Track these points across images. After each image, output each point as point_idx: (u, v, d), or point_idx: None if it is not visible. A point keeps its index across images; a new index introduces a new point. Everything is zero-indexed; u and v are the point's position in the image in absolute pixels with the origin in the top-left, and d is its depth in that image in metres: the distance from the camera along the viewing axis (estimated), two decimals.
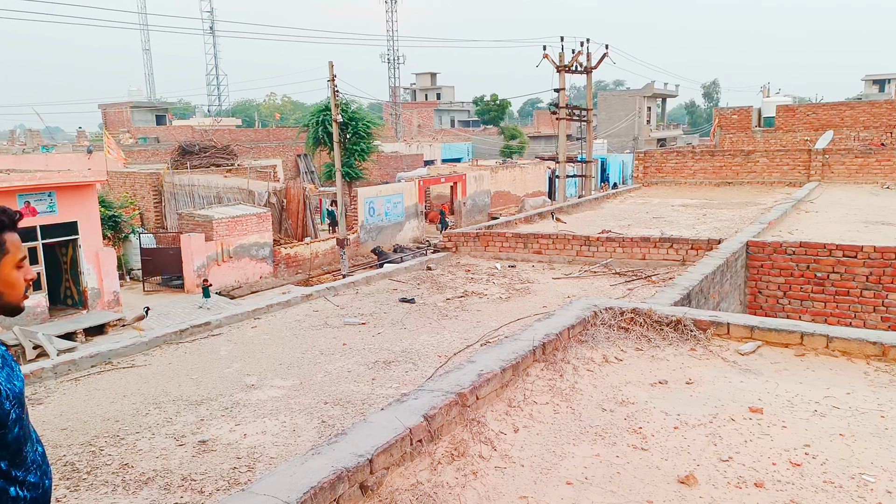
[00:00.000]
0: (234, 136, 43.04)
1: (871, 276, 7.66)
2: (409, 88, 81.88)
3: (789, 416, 3.08)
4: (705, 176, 17.57)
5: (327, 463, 2.24)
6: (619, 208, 14.07)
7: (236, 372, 4.95)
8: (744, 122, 26.04)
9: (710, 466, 2.65)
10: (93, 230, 16.18)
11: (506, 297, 7.31)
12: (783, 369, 3.64)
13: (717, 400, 3.30)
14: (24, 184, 14.55)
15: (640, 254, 8.67)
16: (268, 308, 6.71)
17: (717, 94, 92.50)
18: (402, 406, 2.78)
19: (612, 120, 54.29)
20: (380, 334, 5.93)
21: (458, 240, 9.90)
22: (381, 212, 27.19)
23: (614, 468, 2.68)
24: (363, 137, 28.29)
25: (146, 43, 78.79)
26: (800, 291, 8.14)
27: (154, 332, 5.86)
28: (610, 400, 3.35)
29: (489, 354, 3.53)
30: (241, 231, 21.35)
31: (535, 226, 11.38)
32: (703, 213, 12.84)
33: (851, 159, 16.09)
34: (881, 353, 3.60)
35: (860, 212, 11.70)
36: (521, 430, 3.01)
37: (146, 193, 25.87)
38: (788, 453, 2.73)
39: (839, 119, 23.82)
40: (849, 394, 3.28)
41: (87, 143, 39.19)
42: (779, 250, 8.20)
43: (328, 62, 22.82)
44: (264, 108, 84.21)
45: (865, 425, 2.94)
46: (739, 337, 4.06)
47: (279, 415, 4.12)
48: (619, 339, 4.21)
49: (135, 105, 51.29)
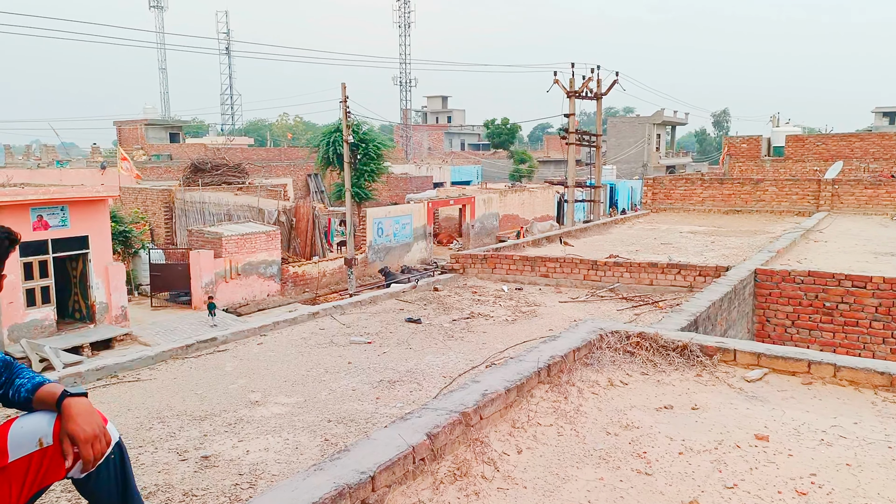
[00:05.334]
0: (246, 154, 43.48)
1: (880, 307, 7.60)
2: (420, 111, 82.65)
3: (795, 444, 3.05)
4: (714, 203, 17.56)
5: (329, 479, 2.24)
6: (628, 233, 14.06)
7: (241, 388, 4.95)
8: (753, 150, 26.08)
9: (714, 493, 2.63)
10: (103, 245, 16.31)
11: (512, 319, 7.30)
12: (790, 397, 3.61)
13: (722, 426, 3.27)
14: (37, 198, 14.72)
15: (648, 279, 8.65)
16: (274, 325, 6.72)
17: (727, 122, 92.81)
18: (406, 424, 2.78)
19: (621, 146, 54.48)
20: (385, 354, 5.93)
21: (466, 261, 9.92)
22: (389, 232, 27.28)
23: (618, 492, 2.65)
24: (373, 158, 28.52)
25: (162, 62, 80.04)
26: (808, 321, 8.08)
27: (160, 347, 5.88)
28: (614, 423, 3.33)
29: (494, 375, 3.52)
30: (250, 249, 21.46)
31: (543, 249, 11.40)
32: (712, 240, 12.82)
33: (861, 190, 16.06)
34: (889, 383, 3.57)
35: (869, 242, 11.64)
36: (524, 451, 2.99)
37: (157, 210, 26.11)
38: (794, 482, 2.70)
39: (849, 150, 23.82)
40: (856, 423, 3.24)
41: (100, 158, 39.68)
42: (787, 279, 8.16)
43: (341, 84, 23.12)
44: (276, 128, 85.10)
45: (873, 455, 2.91)
46: (746, 364, 4.04)
47: (282, 432, 4.11)
48: (624, 363, 4.19)
49: (149, 122, 51.93)
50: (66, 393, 1.95)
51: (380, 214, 27.07)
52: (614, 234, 14.13)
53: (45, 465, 1.89)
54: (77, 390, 1.98)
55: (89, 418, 1.90)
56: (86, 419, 1.89)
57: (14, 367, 2.09)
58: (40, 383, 2.00)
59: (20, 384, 2.00)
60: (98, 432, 1.90)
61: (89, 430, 1.88)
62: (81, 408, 1.91)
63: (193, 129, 70.06)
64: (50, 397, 1.96)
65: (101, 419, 1.95)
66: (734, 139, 27.57)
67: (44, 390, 1.98)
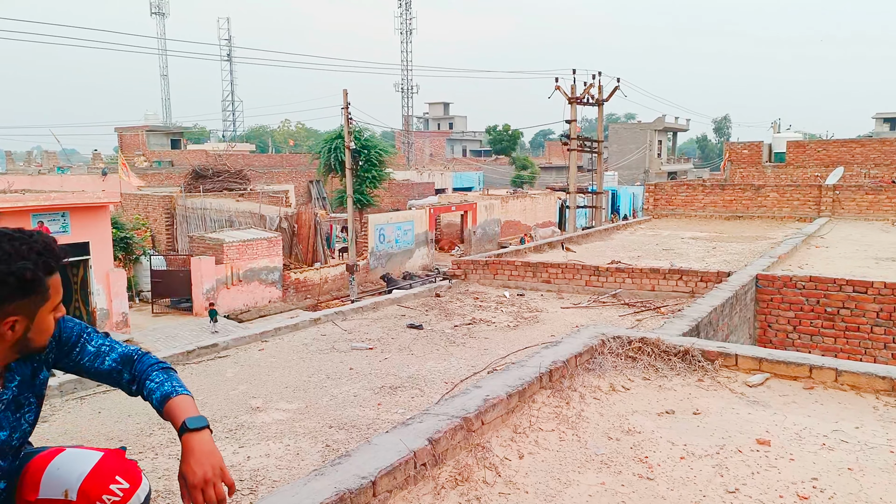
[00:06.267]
0: (248, 161, 43.57)
1: (881, 312, 7.59)
2: (422, 117, 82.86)
3: (797, 448, 3.04)
4: (715, 209, 17.57)
5: (330, 484, 2.24)
6: (629, 239, 14.07)
7: (242, 394, 4.95)
8: (754, 156, 26.11)
9: (716, 498, 2.62)
10: (104, 251, 16.34)
11: (514, 325, 7.30)
12: (791, 402, 3.61)
13: (724, 431, 3.27)
14: (38, 204, 14.77)
15: (650, 285, 8.64)
16: (275, 331, 6.73)
17: (728, 128, 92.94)
18: (407, 429, 2.78)
19: (622, 152, 54.56)
20: (387, 359, 5.93)
21: (468, 267, 9.92)
22: (391, 239, 27.30)
23: (619, 497, 2.65)
24: (375, 165, 28.59)
25: (164, 68, 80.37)
26: (810, 326, 8.07)
27: (161, 354, 5.88)
28: (616, 428, 3.33)
29: (496, 380, 3.52)
30: (252, 255, 21.48)
31: (545, 255, 11.40)
32: (713, 245, 12.82)
33: (862, 196, 16.07)
34: (890, 387, 3.56)
35: (870, 248, 11.64)
36: (526, 456, 2.99)
37: (158, 216, 26.15)
38: (796, 486, 2.70)
39: (850, 156, 23.84)
40: (857, 428, 3.24)
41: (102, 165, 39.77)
42: (788, 284, 8.16)
43: (342, 90, 23.22)
44: (278, 135, 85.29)
45: (874, 460, 2.91)
46: (748, 368, 4.03)
47: (283, 438, 4.11)
48: (626, 368, 4.19)
49: (150, 129, 52.10)
50: (185, 427, 1.81)
51: (381, 221, 27.10)
52: (616, 239, 14.13)
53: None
54: (197, 424, 1.82)
55: (205, 458, 1.76)
56: (199, 459, 1.76)
57: (136, 364, 1.98)
58: (168, 395, 1.89)
59: (150, 389, 1.91)
60: (211, 476, 1.74)
61: (200, 473, 1.74)
62: (197, 445, 1.78)
63: (195, 136, 70.24)
64: (173, 421, 1.86)
65: (219, 460, 1.79)
66: (735, 145, 27.61)
67: (169, 411, 1.87)
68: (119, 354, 1.97)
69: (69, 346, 1.93)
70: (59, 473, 1.79)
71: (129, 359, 1.98)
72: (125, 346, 2.02)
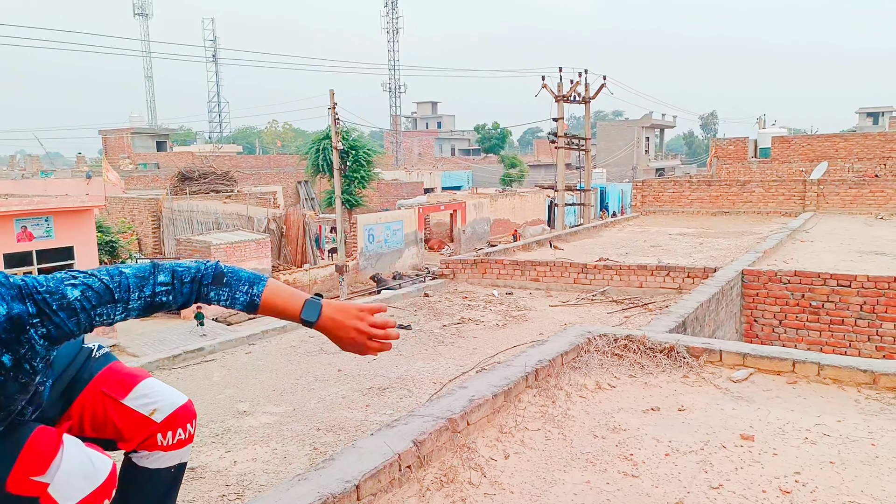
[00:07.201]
0: (235, 162, 43.34)
1: (865, 305, 7.67)
2: (410, 117, 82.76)
3: (780, 443, 3.07)
4: (702, 205, 17.68)
5: (313, 489, 2.23)
6: (617, 236, 14.13)
7: (228, 398, 4.93)
8: (740, 152, 26.29)
9: (700, 494, 2.64)
10: (89, 255, 16.20)
11: (502, 324, 7.31)
12: (775, 396, 3.64)
13: (708, 427, 3.29)
14: (21, 208, 14.63)
15: (637, 281, 8.69)
16: (263, 334, 6.69)
17: (714, 125, 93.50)
18: (392, 431, 2.77)
19: (610, 149, 54.78)
20: (375, 360, 5.91)
21: (456, 267, 9.93)
22: (380, 239, 27.26)
23: (604, 495, 2.66)
24: (363, 165, 28.51)
25: (148, 70, 79.74)
26: (795, 320, 8.14)
27: (147, 358, 5.84)
28: (602, 426, 3.34)
29: (481, 380, 3.52)
30: (240, 257, 21.37)
31: (533, 253, 11.42)
32: (700, 241, 12.90)
33: (846, 190, 16.23)
34: (872, 380, 3.60)
35: (854, 242, 11.75)
36: (511, 456, 2.99)
37: (145, 219, 25.97)
38: (779, 480, 2.72)
39: (834, 150, 24.06)
40: (840, 421, 3.27)
41: (86, 168, 39.42)
42: (774, 279, 8.23)
43: (329, 90, 23.14)
44: (266, 135, 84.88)
45: (856, 453, 2.94)
46: (732, 364, 4.06)
47: (270, 441, 4.09)
48: (612, 366, 4.21)
49: (135, 131, 51.69)
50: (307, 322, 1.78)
51: (371, 221, 27.05)
52: (604, 237, 14.19)
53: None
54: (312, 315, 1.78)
55: (341, 329, 1.81)
56: (340, 332, 1.81)
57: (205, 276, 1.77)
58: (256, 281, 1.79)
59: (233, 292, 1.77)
60: (361, 330, 1.82)
61: (351, 337, 1.83)
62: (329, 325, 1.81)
63: (181, 138, 69.77)
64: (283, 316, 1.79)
65: (351, 315, 1.83)
66: (721, 141, 27.78)
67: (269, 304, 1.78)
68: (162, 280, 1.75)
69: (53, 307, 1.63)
70: (153, 393, 1.86)
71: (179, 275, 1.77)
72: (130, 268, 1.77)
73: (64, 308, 1.56)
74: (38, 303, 1.53)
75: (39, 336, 1.55)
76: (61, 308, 1.56)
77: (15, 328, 1.50)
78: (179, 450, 1.95)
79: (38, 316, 1.54)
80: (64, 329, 1.58)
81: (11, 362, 1.53)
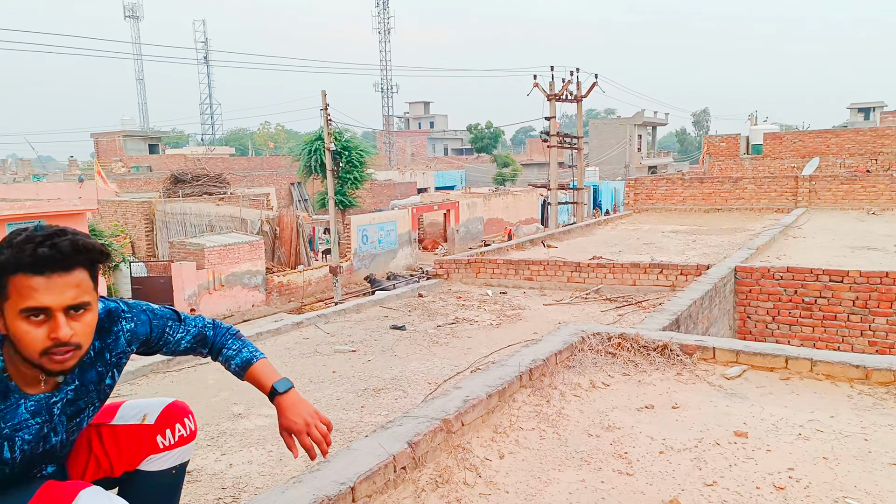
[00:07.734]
0: (228, 164, 43.17)
1: (857, 300, 7.72)
2: (402, 117, 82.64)
3: (774, 439, 3.08)
4: (695, 202, 17.75)
5: (308, 491, 2.23)
6: (611, 234, 14.16)
7: (223, 401, 4.92)
8: (732, 149, 26.38)
9: (694, 491, 2.65)
10: None
11: (497, 323, 7.32)
12: (768, 393, 3.66)
13: (702, 424, 3.30)
14: (13, 213, 14.55)
15: (631, 280, 8.71)
16: (257, 336, 6.68)
17: (706, 122, 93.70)
18: (387, 433, 2.77)
19: (603, 148, 54.87)
20: (370, 362, 5.91)
21: (450, 267, 9.93)
22: (374, 239, 27.22)
23: (599, 494, 2.67)
24: (356, 166, 28.42)
25: (140, 72, 79.35)
26: (788, 316, 8.18)
27: (141, 362, 5.82)
28: (596, 425, 3.35)
29: (476, 381, 3.53)
30: (234, 259, 21.30)
31: (527, 252, 11.44)
32: (693, 239, 12.94)
33: (837, 185, 16.32)
34: (864, 376, 3.62)
35: (846, 237, 11.82)
36: (506, 456, 3.00)
37: (137, 222, 25.83)
38: (772, 477, 2.73)
39: (825, 146, 24.19)
40: (832, 417, 3.29)
41: (78, 171, 39.23)
42: (767, 275, 8.26)
43: (321, 91, 23.09)
44: (258, 137, 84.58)
45: (849, 448, 2.95)
46: (725, 361, 4.08)
47: (266, 444, 4.09)
48: (606, 365, 4.22)
49: (127, 134, 51.41)
50: (275, 391, 2.02)
51: (364, 222, 27.02)
52: (598, 235, 14.22)
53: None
54: (285, 387, 2.03)
55: (300, 409, 1.99)
56: (295, 412, 1.98)
57: (210, 340, 2.12)
58: (248, 362, 2.08)
59: (228, 357, 2.10)
60: (310, 420, 1.98)
61: (300, 420, 1.97)
62: (289, 403, 2.00)
63: (173, 140, 69.47)
64: (258, 385, 2.06)
65: (311, 407, 2.03)
66: (713, 138, 27.88)
67: (252, 376, 2.06)
68: (192, 337, 2.09)
69: (153, 343, 2.01)
70: (137, 405, 1.98)
71: (202, 337, 2.11)
72: (196, 321, 2.13)
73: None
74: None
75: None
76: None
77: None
78: (182, 447, 2.01)
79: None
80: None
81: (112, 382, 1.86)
